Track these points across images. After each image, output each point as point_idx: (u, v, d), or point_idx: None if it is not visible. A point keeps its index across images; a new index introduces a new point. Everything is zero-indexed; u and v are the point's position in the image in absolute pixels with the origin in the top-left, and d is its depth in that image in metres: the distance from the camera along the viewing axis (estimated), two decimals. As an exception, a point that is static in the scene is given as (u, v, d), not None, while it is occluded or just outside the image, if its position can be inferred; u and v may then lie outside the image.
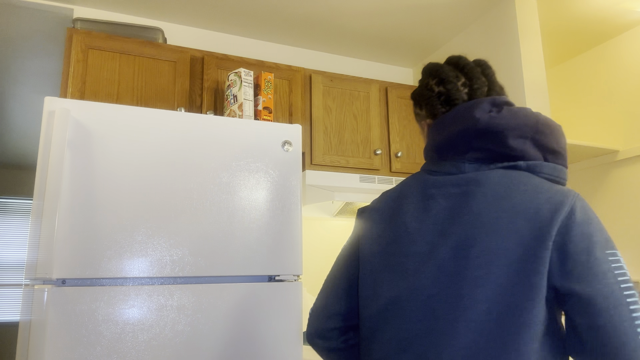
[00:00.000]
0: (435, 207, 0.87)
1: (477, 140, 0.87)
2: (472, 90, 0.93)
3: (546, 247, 0.75)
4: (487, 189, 0.83)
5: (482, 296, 0.77)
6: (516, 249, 0.77)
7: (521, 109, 0.87)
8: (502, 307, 0.76)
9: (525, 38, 2.26)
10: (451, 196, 0.86)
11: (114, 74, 1.97)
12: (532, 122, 0.85)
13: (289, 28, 2.58)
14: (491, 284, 0.77)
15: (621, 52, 2.66)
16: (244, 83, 1.82)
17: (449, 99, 0.94)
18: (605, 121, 2.71)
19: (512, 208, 0.79)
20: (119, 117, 1.47)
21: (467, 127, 0.87)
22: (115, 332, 1.34)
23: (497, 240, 0.78)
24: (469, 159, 0.88)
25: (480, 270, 0.78)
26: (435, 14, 2.47)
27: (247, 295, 1.50)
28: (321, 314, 1.00)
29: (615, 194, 2.60)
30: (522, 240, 0.77)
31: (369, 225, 0.97)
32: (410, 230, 0.88)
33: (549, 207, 0.77)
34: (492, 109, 0.88)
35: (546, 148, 0.85)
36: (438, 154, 0.92)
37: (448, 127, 0.90)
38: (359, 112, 2.42)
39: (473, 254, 0.79)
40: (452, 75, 0.95)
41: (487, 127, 0.85)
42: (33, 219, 1.34)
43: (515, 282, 0.76)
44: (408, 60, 2.99)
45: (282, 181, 1.62)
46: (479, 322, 0.76)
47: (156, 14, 2.42)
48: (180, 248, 1.45)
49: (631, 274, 2.47)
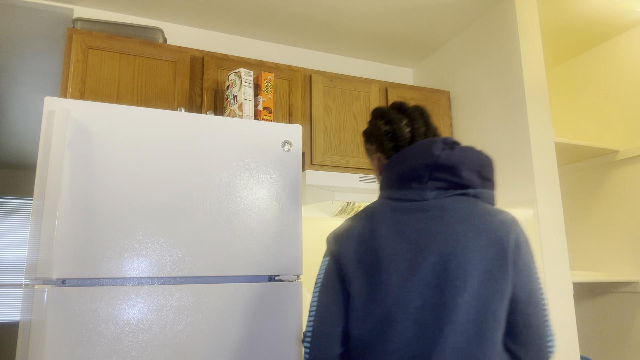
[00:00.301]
0: (407, 229, 1.03)
1: (436, 172, 1.05)
2: (413, 129, 1.14)
3: (507, 260, 0.97)
4: (452, 212, 1.02)
5: (462, 303, 0.94)
6: (485, 263, 0.96)
7: (469, 147, 1.08)
8: (479, 311, 0.94)
9: (525, 38, 2.26)
10: (420, 219, 1.03)
11: (114, 74, 1.97)
12: (477, 158, 1.06)
13: (289, 28, 2.58)
14: (468, 292, 0.95)
15: (621, 52, 2.66)
16: (244, 83, 1.82)
17: (394, 136, 1.15)
18: (605, 121, 2.71)
19: (476, 228, 0.99)
20: (119, 117, 1.47)
21: (427, 162, 1.05)
22: (115, 332, 1.34)
23: (469, 255, 0.96)
24: (430, 187, 1.05)
25: (458, 281, 0.95)
26: (435, 14, 2.47)
27: (247, 295, 1.50)
28: (324, 343, 1.06)
29: (615, 194, 2.60)
30: (488, 255, 0.97)
31: (347, 251, 1.07)
32: (388, 251, 1.02)
33: (504, 228, 0.99)
34: (445, 147, 1.07)
35: (486, 178, 1.07)
36: (400, 183, 1.08)
37: (409, 161, 1.08)
38: (359, 112, 2.42)
39: (451, 267, 0.96)
40: (397, 117, 1.16)
41: (445, 162, 1.04)
42: (33, 219, 1.34)
43: (487, 289, 0.95)
44: (408, 60, 2.99)
45: (282, 181, 1.62)
46: (461, 325, 0.93)
47: (156, 14, 2.42)
48: (180, 248, 1.45)
49: (631, 274, 2.47)
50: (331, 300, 1.07)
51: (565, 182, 2.89)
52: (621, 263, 2.53)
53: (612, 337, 2.53)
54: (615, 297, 2.54)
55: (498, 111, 2.34)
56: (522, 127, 2.19)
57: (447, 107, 2.66)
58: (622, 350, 2.48)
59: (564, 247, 2.08)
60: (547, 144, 2.17)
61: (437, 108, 2.64)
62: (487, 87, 2.43)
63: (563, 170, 2.90)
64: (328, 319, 1.07)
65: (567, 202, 2.86)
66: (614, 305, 2.54)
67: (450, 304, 0.94)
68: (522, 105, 2.20)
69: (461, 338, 0.93)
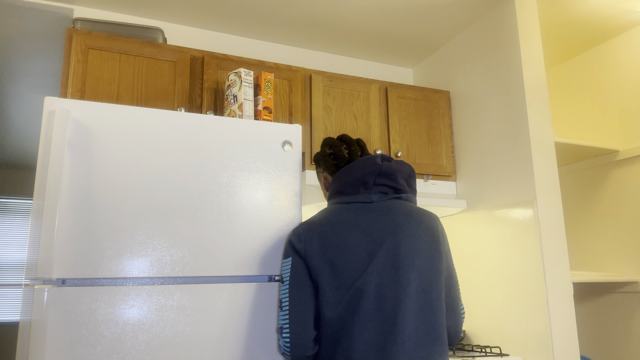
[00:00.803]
0: (362, 225, 1.27)
1: (379, 179, 1.33)
2: (350, 152, 1.46)
3: (440, 244, 1.30)
4: (395, 210, 1.30)
5: (412, 278, 1.22)
6: (426, 247, 1.27)
7: (400, 161, 1.38)
8: (426, 284, 1.23)
9: (525, 38, 2.27)
10: (372, 217, 1.28)
11: (114, 74, 1.97)
12: (407, 169, 1.38)
13: (289, 28, 2.58)
14: (416, 269, 1.23)
15: (621, 52, 2.66)
16: (244, 83, 1.83)
17: (335, 156, 1.45)
18: (605, 121, 2.71)
19: (415, 221, 1.29)
20: (119, 117, 1.47)
21: (373, 170, 1.33)
22: (115, 332, 1.34)
23: (414, 241, 1.26)
24: (375, 191, 1.33)
25: (408, 260, 1.23)
26: (435, 14, 2.47)
27: (247, 295, 1.50)
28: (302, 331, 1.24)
29: (615, 194, 2.60)
30: (427, 241, 1.28)
31: (312, 248, 1.27)
32: (350, 244, 1.25)
33: (433, 221, 1.33)
34: (384, 160, 1.35)
35: (410, 186, 1.39)
36: (350, 188, 1.34)
37: (356, 171, 1.34)
38: (359, 112, 2.42)
39: (401, 251, 1.23)
40: (337, 143, 1.48)
41: (386, 170, 1.33)
42: (33, 219, 1.34)
43: (429, 267, 1.25)
44: (408, 60, 2.99)
45: (282, 181, 1.63)
46: (415, 295, 1.21)
47: (156, 14, 2.42)
48: (180, 248, 1.46)
49: (631, 274, 2.48)
50: (302, 293, 1.26)
51: (565, 182, 2.89)
52: (621, 263, 2.53)
53: (612, 337, 2.53)
54: (615, 297, 2.54)
55: (498, 111, 2.34)
56: (522, 127, 2.19)
57: (447, 107, 2.66)
58: (622, 350, 2.48)
59: (564, 247, 2.08)
60: (547, 144, 2.17)
61: (437, 108, 2.64)
62: (487, 87, 2.43)
63: (563, 170, 2.90)
64: (302, 309, 1.24)
65: (567, 202, 2.86)
66: (614, 305, 2.54)
67: (403, 279, 1.21)
68: (522, 105, 2.20)
69: (416, 306, 1.20)
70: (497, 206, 2.28)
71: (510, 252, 2.18)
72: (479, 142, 2.46)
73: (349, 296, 1.20)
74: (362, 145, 1.49)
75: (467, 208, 2.48)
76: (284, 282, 1.29)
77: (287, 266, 1.30)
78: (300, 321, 1.24)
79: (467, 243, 2.44)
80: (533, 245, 2.06)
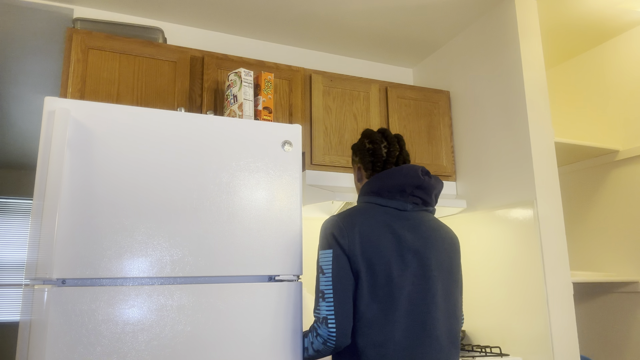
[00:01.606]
0: (397, 230, 1.36)
1: (417, 191, 1.42)
2: (389, 151, 1.51)
3: (458, 258, 1.46)
4: (426, 223, 1.42)
5: (439, 288, 1.36)
6: (448, 259, 1.41)
7: (436, 178, 1.47)
8: (448, 294, 1.38)
9: (525, 38, 2.26)
10: (404, 225, 1.38)
11: (114, 74, 1.97)
12: (440, 187, 1.48)
13: (289, 28, 2.58)
14: (441, 280, 1.37)
15: (621, 52, 2.66)
16: (244, 83, 1.82)
17: (374, 152, 1.51)
18: (605, 121, 2.71)
19: (440, 236, 1.42)
20: (119, 117, 1.47)
21: (414, 182, 1.41)
22: (115, 332, 1.34)
23: (440, 254, 1.40)
24: (410, 201, 1.42)
25: (435, 272, 1.36)
26: (435, 14, 2.47)
27: (247, 295, 1.50)
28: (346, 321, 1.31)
29: (615, 194, 2.60)
30: (449, 255, 1.42)
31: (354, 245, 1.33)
32: (387, 247, 1.33)
33: (453, 235, 1.48)
34: (423, 174, 1.44)
35: (436, 201, 1.50)
36: (388, 193, 1.42)
37: (398, 178, 1.41)
38: (359, 112, 2.42)
39: (429, 263, 1.36)
40: (378, 139, 1.53)
41: (424, 185, 1.42)
42: (33, 219, 1.34)
43: (450, 278, 1.40)
44: (408, 60, 2.99)
45: (282, 181, 1.63)
46: (441, 304, 1.35)
47: (156, 14, 2.42)
48: (180, 248, 1.46)
49: (631, 274, 2.48)
50: (345, 286, 1.32)
51: (565, 182, 2.89)
52: (621, 263, 2.53)
53: (612, 337, 2.53)
54: (615, 297, 2.54)
55: (498, 111, 2.34)
56: (522, 127, 2.19)
57: (447, 107, 2.66)
58: (622, 350, 2.48)
59: (564, 247, 2.08)
60: (547, 144, 2.17)
61: (437, 108, 2.64)
62: (487, 87, 2.43)
63: (563, 170, 2.90)
64: (346, 301, 1.32)
65: (567, 202, 2.86)
66: (614, 305, 2.54)
67: (432, 288, 1.34)
68: (522, 105, 2.20)
69: (441, 314, 1.35)
70: (497, 206, 2.28)
71: (510, 252, 2.18)
72: (479, 142, 2.46)
73: (383, 296, 1.30)
74: (401, 145, 1.54)
75: (467, 208, 2.48)
76: (325, 274, 1.34)
77: (327, 258, 1.35)
78: (345, 312, 1.31)
79: (467, 243, 2.44)
80: (533, 245, 2.06)
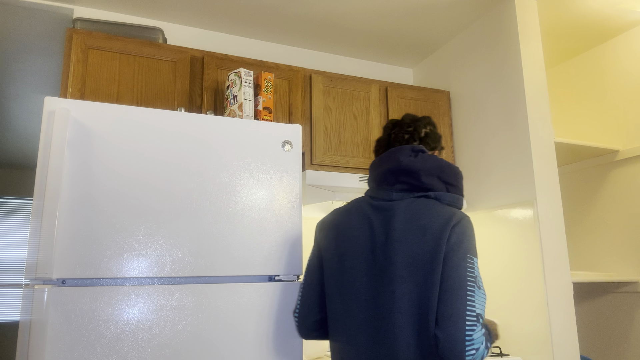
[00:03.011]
0: (374, 224, 1.23)
1: (401, 176, 1.25)
2: (393, 135, 1.35)
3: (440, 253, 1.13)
4: (408, 213, 1.19)
5: (407, 290, 1.14)
6: (425, 256, 1.14)
7: (430, 155, 1.27)
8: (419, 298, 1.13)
9: (525, 38, 2.26)
10: (385, 217, 1.22)
11: (114, 74, 1.97)
12: (437, 165, 1.25)
13: (289, 28, 2.58)
14: (411, 283, 1.14)
15: (621, 52, 2.66)
16: (244, 83, 1.82)
17: (378, 140, 1.39)
18: (605, 121, 2.71)
19: (422, 226, 1.16)
20: (119, 117, 1.47)
21: (394, 167, 1.26)
22: (115, 332, 1.34)
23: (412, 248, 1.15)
24: (396, 189, 1.25)
25: (404, 271, 1.15)
26: (435, 14, 2.47)
27: (247, 295, 1.50)
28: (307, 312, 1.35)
29: (615, 194, 2.60)
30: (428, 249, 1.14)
31: (327, 238, 1.31)
32: (359, 242, 1.24)
33: (441, 225, 1.15)
34: (412, 154, 1.27)
35: (447, 182, 1.25)
36: (375, 183, 1.30)
37: (381, 166, 1.29)
38: (359, 112, 2.42)
39: (397, 261, 1.16)
40: (389, 127, 1.37)
41: (406, 167, 1.24)
42: (33, 219, 1.34)
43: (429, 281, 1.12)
44: (408, 60, 2.99)
45: (282, 181, 1.63)
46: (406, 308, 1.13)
47: (156, 14, 2.42)
48: (180, 248, 1.46)
49: (631, 274, 2.47)
50: (311, 280, 1.34)
51: (565, 182, 2.89)
52: (621, 263, 2.53)
53: (612, 337, 2.53)
54: (615, 297, 2.54)
55: (498, 111, 2.34)
56: (522, 127, 2.19)
57: (447, 107, 2.66)
58: (622, 350, 2.48)
59: (564, 247, 2.08)
60: (547, 144, 2.17)
61: (437, 108, 2.64)
62: (487, 87, 2.43)
63: (563, 170, 2.90)
64: (310, 294, 1.34)
65: (567, 202, 2.86)
66: (614, 305, 2.54)
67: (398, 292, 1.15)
68: (522, 105, 2.20)
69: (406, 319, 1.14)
70: (497, 206, 2.28)
71: (510, 252, 2.18)
72: (479, 142, 2.46)
73: (345, 293, 1.25)
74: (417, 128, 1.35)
75: (467, 208, 2.48)
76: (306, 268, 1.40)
77: (310, 253, 1.40)
78: (306, 304, 1.35)
79: (467, 243, 2.44)
80: (533, 245, 2.06)
